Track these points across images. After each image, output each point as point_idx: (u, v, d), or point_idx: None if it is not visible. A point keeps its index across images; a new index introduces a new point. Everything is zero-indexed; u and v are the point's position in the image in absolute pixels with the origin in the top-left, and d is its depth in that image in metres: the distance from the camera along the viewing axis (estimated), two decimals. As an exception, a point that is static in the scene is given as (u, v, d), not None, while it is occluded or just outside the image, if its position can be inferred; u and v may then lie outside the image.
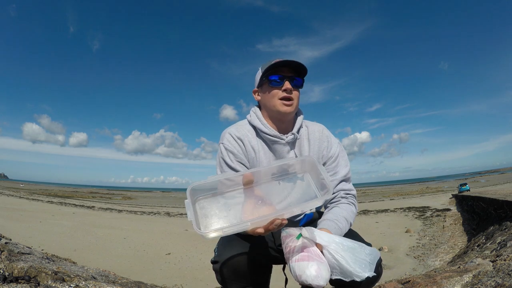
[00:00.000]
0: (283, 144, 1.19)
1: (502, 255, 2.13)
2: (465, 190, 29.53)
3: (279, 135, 1.18)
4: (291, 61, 1.12)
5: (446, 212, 17.57)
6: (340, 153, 1.25)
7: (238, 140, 1.18)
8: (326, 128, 1.29)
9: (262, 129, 1.19)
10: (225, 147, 1.17)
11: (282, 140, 1.18)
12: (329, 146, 1.24)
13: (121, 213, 23.59)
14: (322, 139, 1.24)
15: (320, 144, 1.24)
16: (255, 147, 1.19)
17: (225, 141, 1.18)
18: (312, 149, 1.23)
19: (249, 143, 1.19)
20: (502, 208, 6.98)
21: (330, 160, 1.23)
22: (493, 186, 39.83)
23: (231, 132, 1.20)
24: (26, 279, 1.22)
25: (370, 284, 1.04)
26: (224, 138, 1.19)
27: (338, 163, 1.23)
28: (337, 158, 1.24)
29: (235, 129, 1.21)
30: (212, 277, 1.11)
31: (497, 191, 15.93)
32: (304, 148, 1.23)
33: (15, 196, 30.97)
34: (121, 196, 58.79)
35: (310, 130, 1.26)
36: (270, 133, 1.18)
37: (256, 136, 1.21)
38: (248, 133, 1.21)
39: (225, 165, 1.16)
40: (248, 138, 1.19)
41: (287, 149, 1.20)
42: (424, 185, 77.21)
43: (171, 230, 14.92)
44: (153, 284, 2.32)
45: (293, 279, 0.93)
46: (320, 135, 1.25)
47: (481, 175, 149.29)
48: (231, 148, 1.17)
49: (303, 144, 1.23)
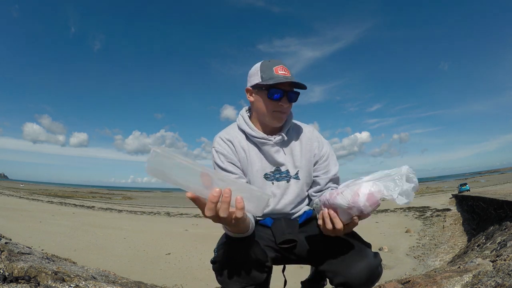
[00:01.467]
0: (271, 145, 1.21)
1: (502, 255, 2.13)
2: (465, 190, 29.55)
3: (266, 137, 1.21)
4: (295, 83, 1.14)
5: (446, 212, 17.57)
6: (330, 152, 1.30)
7: (227, 142, 1.22)
8: (315, 129, 1.34)
9: (250, 133, 1.22)
10: (216, 150, 1.21)
11: (270, 141, 1.21)
12: (320, 146, 1.28)
13: (121, 213, 23.60)
14: (312, 139, 1.28)
15: (312, 144, 1.27)
16: (245, 148, 1.23)
17: (216, 144, 1.23)
18: (304, 149, 1.26)
19: (239, 143, 1.23)
20: (502, 208, 6.98)
21: (322, 159, 1.27)
22: (493, 186, 39.83)
23: (221, 136, 1.25)
24: (26, 279, 1.22)
25: (370, 284, 1.04)
26: (215, 142, 1.24)
27: (329, 162, 1.28)
28: (328, 157, 1.28)
29: (225, 133, 1.26)
30: (212, 277, 1.11)
31: (497, 191, 15.93)
32: (296, 148, 1.26)
33: (15, 196, 30.98)
34: (121, 196, 58.82)
35: (300, 131, 1.30)
36: (257, 136, 1.21)
37: (245, 138, 1.25)
38: (238, 135, 1.25)
39: (217, 167, 1.21)
40: (238, 139, 1.24)
41: (275, 149, 1.22)
42: (424, 185, 77.21)
43: (171, 230, 14.92)
44: (153, 284, 2.33)
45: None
46: (311, 135, 1.29)
47: (481, 175, 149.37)
48: (221, 150, 1.21)
49: (294, 144, 1.27)
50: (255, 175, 1.22)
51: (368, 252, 1.06)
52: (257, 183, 1.22)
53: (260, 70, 1.18)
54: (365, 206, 0.87)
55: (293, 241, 1.17)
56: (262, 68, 1.18)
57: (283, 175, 1.24)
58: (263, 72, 1.17)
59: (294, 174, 1.24)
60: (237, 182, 0.81)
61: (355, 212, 0.90)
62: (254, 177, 1.22)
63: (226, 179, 0.78)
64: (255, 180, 1.22)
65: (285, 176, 1.24)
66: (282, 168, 1.24)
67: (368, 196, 0.87)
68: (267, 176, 1.23)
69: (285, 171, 1.24)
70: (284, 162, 1.23)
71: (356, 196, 0.88)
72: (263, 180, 1.23)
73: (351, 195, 0.89)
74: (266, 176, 1.23)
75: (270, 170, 1.23)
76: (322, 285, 1.56)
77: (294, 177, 1.25)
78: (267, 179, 1.23)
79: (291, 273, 1.49)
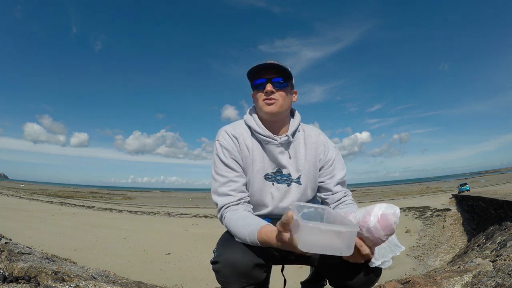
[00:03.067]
0: (275, 145, 1.21)
1: (502, 255, 2.13)
2: (465, 190, 29.52)
3: (272, 136, 1.20)
4: (266, 64, 1.15)
5: (446, 212, 17.57)
6: (336, 157, 1.28)
7: (233, 137, 1.21)
8: (322, 132, 1.32)
9: (256, 129, 1.21)
10: (220, 144, 1.20)
11: (275, 141, 1.20)
12: (326, 151, 1.27)
13: (121, 213, 23.59)
14: (318, 144, 1.27)
15: (317, 148, 1.26)
16: (249, 146, 1.21)
17: (221, 138, 1.21)
18: (309, 153, 1.25)
19: (244, 141, 1.21)
20: (502, 208, 6.98)
21: (328, 164, 1.26)
22: (493, 186, 39.82)
23: (227, 130, 1.23)
24: (26, 279, 1.22)
25: (370, 284, 1.04)
26: (220, 135, 1.22)
27: (335, 167, 1.27)
28: (334, 162, 1.27)
29: (231, 128, 1.24)
30: (212, 277, 1.11)
31: (497, 191, 15.92)
32: (300, 152, 1.25)
33: (15, 196, 30.98)
34: (121, 196, 58.78)
35: (307, 134, 1.28)
36: (263, 133, 1.20)
37: (251, 136, 1.23)
38: (244, 132, 1.23)
39: (219, 161, 1.19)
40: (243, 137, 1.22)
41: (280, 150, 1.22)
42: (424, 185, 77.19)
43: (171, 230, 14.92)
44: (153, 284, 2.32)
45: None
46: (317, 139, 1.28)
47: (481, 175, 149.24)
48: (226, 145, 1.19)
49: (299, 147, 1.25)
50: (256, 175, 1.21)
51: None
52: (257, 183, 1.21)
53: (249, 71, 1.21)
54: (375, 228, 0.81)
55: None
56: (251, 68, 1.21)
57: (284, 178, 1.23)
58: (250, 70, 1.20)
59: (295, 178, 1.23)
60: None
61: (365, 233, 0.83)
62: (254, 177, 1.21)
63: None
64: (255, 180, 1.21)
65: (286, 180, 1.23)
66: (284, 171, 1.23)
67: (381, 217, 0.81)
68: (268, 177, 1.22)
69: (286, 174, 1.23)
70: (287, 165, 1.22)
71: (368, 216, 0.83)
72: (263, 181, 1.22)
73: (363, 215, 0.84)
74: (266, 177, 1.22)
75: (272, 171, 1.23)
76: (322, 285, 1.56)
77: (296, 181, 1.23)
78: (268, 179, 1.22)
79: (291, 273, 1.49)
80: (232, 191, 1.14)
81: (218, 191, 1.16)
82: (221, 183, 1.16)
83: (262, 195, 1.22)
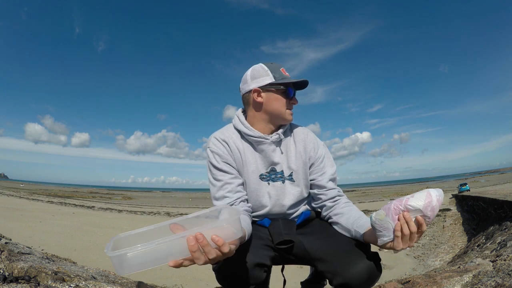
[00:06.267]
0: (268, 144, 1.24)
1: (502, 255, 2.13)
2: (465, 190, 29.54)
3: (263, 136, 1.23)
4: (305, 82, 1.24)
5: (446, 212, 17.56)
6: (326, 154, 1.32)
7: (223, 142, 1.24)
8: (310, 131, 1.35)
9: (246, 132, 1.24)
10: (211, 150, 1.23)
11: (267, 140, 1.23)
12: (315, 148, 1.29)
13: (121, 213, 23.59)
14: (307, 141, 1.29)
15: (306, 145, 1.29)
16: (240, 148, 1.24)
17: (211, 144, 1.24)
18: (298, 149, 1.28)
19: (234, 144, 1.24)
20: (502, 208, 6.98)
21: (318, 161, 1.29)
22: (493, 186, 39.82)
23: (216, 136, 1.26)
24: (26, 279, 1.22)
25: (370, 284, 1.04)
26: (210, 142, 1.25)
27: (325, 164, 1.29)
28: (324, 159, 1.30)
29: (219, 133, 1.27)
30: (212, 277, 1.11)
31: (497, 191, 15.92)
32: (291, 149, 1.27)
33: (15, 196, 30.98)
34: (121, 196, 58.82)
35: (295, 132, 1.32)
36: (254, 135, 1.23)
37: (240, 138, 1.26)
38: (233, 135, 1.26)
39: (212, 167, 1.21)
40: (233, 140, 1.25)
41: (272, 147, 1.24)
42: (424, 185, 77.18)
43: (171, 230, 14.90)
44: (153, 284, 2.32)
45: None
46: (305, 137, 1.31)
47: (481, 175, 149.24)
48: (217, 150, 1.22)
49: (289, 144, 1.28)
50: (251, 175, 1.23)
51: (367, 252, 1.06)
52: (253, 184, 1.23)
53: (270, 71, 1.23)
54: (436, 207, 0.88)
55: (290, 242, 1.18)
56: (271, 69, 1.23)
57: (278, 175, 1.25)
58: (274, 72, 1.22)
59: (287, 175, 1.26)
60: (203, 221, 0.84)
61: (428, 213, 0.89)
62: (249, 178, 1.23)
63: (187, 219, 0.82)
64: (250, 180, 1.23)
65: (280, 177, 1.25)
66: (277, 168, 1.25)
67: (438, 198, 0.89)
68: (263, 177, 1.24)
69: (280, 171, 1.25)
70: (280, 161, 1.25)
71: (429, 196, 0.88)
72: (258, 181, 1.24)
73: (425, 195, 0.89)
74: (261, 177, 1.24)
75: (266, 171, 1.25)
76: (322, 285, 1.56)
77: (288, 179, 1.26)
78: (263, 179, 1.24)
79: (291, 273, 1.49)
80: (229, 193, 1.17)
81: (216, 195, 1.18)
82: (218, 187, 1.18)
83: (259, 196, 1.24)
